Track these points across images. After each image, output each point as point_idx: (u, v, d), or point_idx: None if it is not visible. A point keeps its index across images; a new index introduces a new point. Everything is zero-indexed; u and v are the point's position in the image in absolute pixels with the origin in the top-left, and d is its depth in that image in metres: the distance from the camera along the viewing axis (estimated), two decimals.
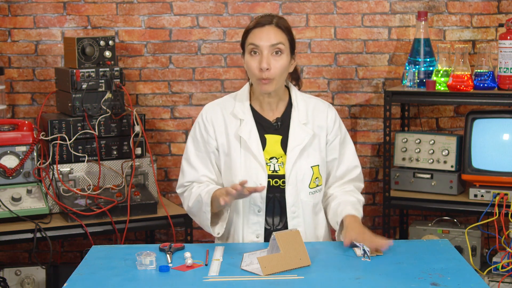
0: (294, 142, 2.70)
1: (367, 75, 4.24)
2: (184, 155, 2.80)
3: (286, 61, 2.65)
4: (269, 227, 2.72)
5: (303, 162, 2.70)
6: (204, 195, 2.65)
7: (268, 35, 2.63)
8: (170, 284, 2.29)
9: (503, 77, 3.75)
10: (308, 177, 2.71)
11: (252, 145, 2.68)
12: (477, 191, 3.77)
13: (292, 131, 2.71)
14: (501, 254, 3.68)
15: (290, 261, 2.37)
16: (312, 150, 2.72)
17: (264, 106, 2.74)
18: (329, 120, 2.77)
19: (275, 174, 2.69)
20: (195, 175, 2.75)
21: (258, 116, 2.73)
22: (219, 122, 2.73)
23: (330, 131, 2.77)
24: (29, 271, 3.65)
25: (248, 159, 2.68)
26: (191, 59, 4.20)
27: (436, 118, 4.28)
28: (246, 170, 2.68)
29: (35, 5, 4.10)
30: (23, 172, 3.55)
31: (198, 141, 2.75)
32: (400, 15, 4.19)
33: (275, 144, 2.71)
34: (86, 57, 3.70)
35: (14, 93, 4.16)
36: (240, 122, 2.72)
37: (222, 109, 2.75)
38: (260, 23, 2.65)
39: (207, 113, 2.76)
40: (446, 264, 2.42)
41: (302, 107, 2.74)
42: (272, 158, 2.70)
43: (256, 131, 2.70)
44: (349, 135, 2.86)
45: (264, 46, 2.61)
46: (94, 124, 3.65)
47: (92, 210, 3.50)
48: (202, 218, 2.69)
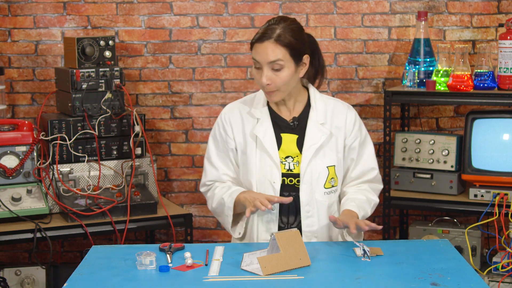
0: (310, 141, 2.71)
1: (367, 75, 4.24)
2: (206, 154, 2.85)
3: (287, 73, 2.64)
4: (283, 225, 2.74)
5: (319, 162, 2.71)
6: (227, 198, 2.71)
7: (266, 51, 2.61)
8: (170, 284, 2.29)
9: (503, 77, 3.75)
10: (324, 176, 2.72)
11: (266, 144, 2.70)
12: (477, 191, 3.77)
13: (308, 130, 2.72)
14: (501, 254, 3.68)
15: (290, 261, 2.37)
16: (328, 150, 2.73)
17: (280, 106, 2.77)
18: (348, 121, 2.78)
19: (290, 172, 2.71)
20: (217, 174, 2.81)
21: (275, 115, 2.76)
22: (237, 122, 2.77)
23: (350, 133, 2.77)
24: (29, 271, 3.65)
25: (262, 157, 2.71)
26: (191, 59, 4.20)
27: (436, 118, 4.28)
28: (261, 168, 2.71)
29: (35, 5, 4.10)
30: (23, 172, 3.55)
31: (217, 140, 2.81)
32: (400, 15, 4.19)
33: (291, 143, 2.73)
34: (86, 57, 3.70)
35: (14, 93, 4.16)
36: (256, 121, 2.75)
37: (241, 108, 2.79)
38: (260, 38, 2.63)
39: (226, 113, 2.81)
40: (446, 264, 2.42)
41: (320, 107, 2.76)
42: (287, 157, 2.72)
43: (272, 129, 2.73)
44: (369, 136, 2.86)
45: (264, 63, 2.63)
46: (94, 124, 3.65)
47: (92, 210, 3.50)
48: (225, 221, 2.77)
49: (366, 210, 2.75)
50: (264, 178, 2.70)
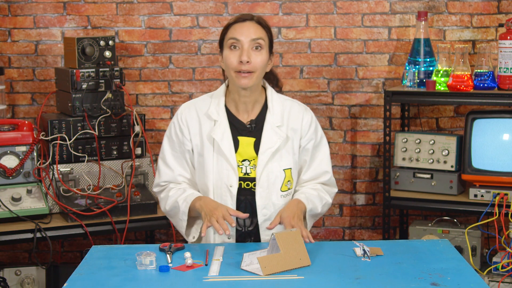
0: (266, 145, 2.68)
1: (367, 75, 4.24)
2: (160, 154, 2.80)
3: (265, 57, 2.65)
4: (240, 228, 2.71)
5: (275, 165, 2.69)
6: (182, 203, 2.67)
7: (249, 30, 2.63)
8: (170, 284, 2.29)
9: (503, 77, 3.75)
10: (280, 180, 2.70)
11: (224, 147, 2.67)
12: (477, 191, 3.77)
13: (265, 133, 2.70)
14: (501, 254, 3.68)
15: (290, 261, 2.37)
16: (285, 153, 2.71)
17: (239, 107, 2.73)
18: (304, 123, 2.75)
19: (247, 176, 2.69)
20: (171, 175, 2.76)
21: (233, 117, 2.72)
22: (193, 123, 2.73)
23: (305, 134, 2.75)
24: (29, 271, 3.65)
25: (220, 161, 2.68)
26: (191, 59, 4.20)
27: (436, 118, 4.28)
28: (218, 171, 2.68)
29: (35, 5, 4.10)
30: (23, 172, 3.55)
31: (173, 141, 2.75)
32: (400, 15, 4.19)
33: (248, 147, 2.70)
34: (86, 57, 3.70)
35: (14, 93, 4.16)
36: (214, 123, 2.71)
37: (197, 109, 2.75)
38: (241, 18, 2.66)
39: (182, 113, 2.75)
40: (446, 264, 2.42)
41: (277, 110, 2.73)
42: (244, 160, 2.69)
43: (229, 132, 2.70)
44: (325, 139, 2.83)
45: (245, 41, 2.62)
46: (94, 124, 3.65)
47: (92, 210, 3.50)
48: (178, 225, 2.73)
49: (315, 204, 2.71)
50: (221, 181, 2.67)
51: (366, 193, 4.28)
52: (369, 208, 4.31)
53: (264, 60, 2.64)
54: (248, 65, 2.61)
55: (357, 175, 4.28)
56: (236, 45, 2.63)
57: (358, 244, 2.51)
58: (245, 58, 2.60)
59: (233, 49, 2.63)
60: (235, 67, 2.63)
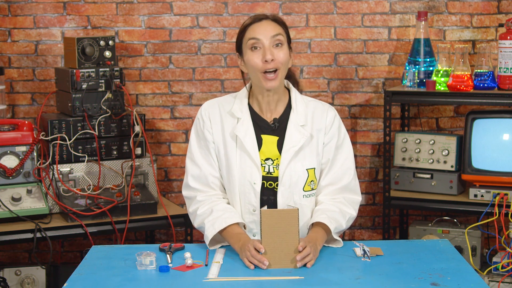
0: (289, 143, 2.66)
1: (367, 75, 4.24)
2: (188, 153, 2.77)
3: (287, 52, 2.65)
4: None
5: (298, 164, 2.66)
6: (209, 227, 2.60)
7: (267, 28, 2.62)
8: (170, 284, 2.29)
9: (503, 77, 3.75)
10: (303, 179, 2.66)
11: (247, 144, 2.65)
12: (477, 191, 3.77)
13: (288, 132, 2.68)
14: (501, 254, 3.68)
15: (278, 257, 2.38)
16: (308, 152, 2.68)
17: (262, 107, 2.71)
18: (328, 120, 2.71)
19: (270, 175, 2.66)
20: (199, 173, 2.71)
21: (256, 116, 2.71)
22: (216, 120, 2.72)
23: (328, 131, 2.71)
24: (29, 271, 3.65)
25: (243, 157, 2.66)
26: (191, 59, 4.20)
27: (436, 118, 4.28)
28: (241, 169, 2.65)
29: (35, 5, 4.10)
30: (23, 172, 3.55)
31: (199, 137, 2.73)
32: (400, 15, 4.19)
33: (271, 145, 2.68)
34: (86, 57, 3.70)
35: (14, 93, 4.16)
36: (237, 121, 2.70)
37: (220, 107, 2.74)
38: (256, 18, 2.66)
39: (206, 109, 2.74)
40: (446, 264, 2.42)
41: (301, 109, 2.71)
42: (267, 159, 2.67)
43: (252, 130, 2.68)
44: (349, 140, 2.77)
45: (265, 39, 2.61)
46: (94, 124, 3.65)
47: (92, 210, 3.50)
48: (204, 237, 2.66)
49: (339, 222, 2.62)
50: (244, 178, 2.65)
51: (366, 193, 4.28)
52: (369, 208, 4.31)
53: (286, 55, 2.64)
54: (272, 63, 2.60)
55: (357, 175, 4.27)
56: (256, 46, 2.62)
57: (358, 244, 2.51)
58: (269, 57, 2.59)
59: (254, 50, 2.62)
60: (261, 67, 2.61)
